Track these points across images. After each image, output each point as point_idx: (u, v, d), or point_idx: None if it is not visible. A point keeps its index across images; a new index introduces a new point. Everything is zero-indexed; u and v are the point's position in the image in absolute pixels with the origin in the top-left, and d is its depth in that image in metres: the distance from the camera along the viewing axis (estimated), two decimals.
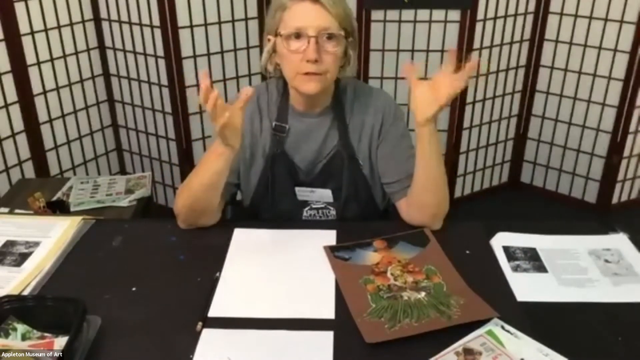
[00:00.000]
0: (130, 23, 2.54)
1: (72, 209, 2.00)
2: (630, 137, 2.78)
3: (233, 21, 2.57)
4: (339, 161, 1.39)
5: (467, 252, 1.24)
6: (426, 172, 1.27)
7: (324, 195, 1.39)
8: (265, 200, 1.40)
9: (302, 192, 1.39)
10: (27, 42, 2.34)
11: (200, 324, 1.02)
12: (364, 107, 1.40)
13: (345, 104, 1.40)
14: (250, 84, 2.70)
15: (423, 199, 1.30)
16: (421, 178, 1.28)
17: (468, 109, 2.82)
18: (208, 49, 2.56)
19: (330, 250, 1.23)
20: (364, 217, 1.43)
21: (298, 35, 1.25)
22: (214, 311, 1.06)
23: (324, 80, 1.28)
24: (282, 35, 1.26)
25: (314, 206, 1.40)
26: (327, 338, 0.99)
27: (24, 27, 2.32)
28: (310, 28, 1.23)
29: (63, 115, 2.57)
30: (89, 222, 1.35)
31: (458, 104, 2.76)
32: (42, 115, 2.48)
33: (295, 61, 1.26)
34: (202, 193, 1.27)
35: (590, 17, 2.69)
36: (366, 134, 1.40)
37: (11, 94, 2.33)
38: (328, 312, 1.06)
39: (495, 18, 2.68)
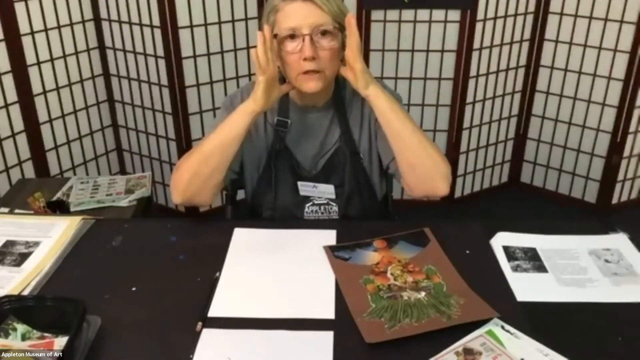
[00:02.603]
0: (130, 23, 2.54)
1: (72, 209, 2.00)
2: (630, 137, 2.78)
3: (233, 21, 2.57)
4: (341, 157, 1.39)
5: (467, 252, 1.24)
6: (393, 133, 1.28)
7: (327, 190, 1.39)
8: (267, 196, 1.41)
9: (304, 187, 1.40)
10: (27, 42, 2.34)
11: (200, 324, 1.02)
12: (362, 99, 1.39)
13: (346, 98, 1.41)
14: None
15: (407, 161, 1.30)
16: (393, 141, 1.29)
17: (468, 109, 2.82)
18: (208, 49, 2.56)
19: (330, 250, 1.23)
20: (365, 214, 1.43)
21: (293, 36, 1.25)
22: (214, 311, 1.06)
23: (324, 78, 1.29)
24: (277, 37, 1.26)
25: (316, 202, 1.40)
26: (327, 338, 0.99)
27: (24, 27, 2.32)
28: (304, 26, 1.24)
29: (63, 115, 2.57)
30: (89, 222, 1.35)
31: (458, 104, 2.77)
32: (42, 115, 2.48)
33: (293, 62, 1.26)
34: (215, 153, 1.28)
35: (590, 17, 2.69)
36: (366, 126, 1.40)
37: (11, 94, 2.33)
38: (328, 312, 1.06)
39: (495, 18, 2.68)
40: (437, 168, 1.28)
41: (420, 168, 1.29)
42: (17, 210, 1.93)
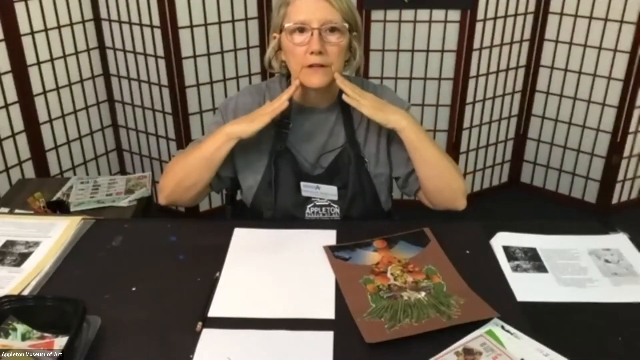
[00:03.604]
0: (130, 23, 2.54)
1: (72, 209, 2.00)
2: (630, 137, 2.78)
3: (233, 21, 2.57)
4: (346, 159, 1.39)
5: (467, 252, 1.24)
6: (421, 161, 1.33)
7: (329, 192, 1.39)
8: (268, 197, 1.40)
9: (307, 188, 1.39)
10: (27, 42, 2.34)
11: (200, 324, 1.02)
12: None
13: None
14: (250, 83, 2.70)
15: (435, 185, 1.36)
16: (421, 168, 1.34)
17: (468, 109, 2.82)
18: (208, 49, 2.56)
19: (330, 250, 1.23)
20: (367, 217, 1.43)
21: (302, 29, 1.26)
22: (214, 311, 1.06)
23: (329, 74, 1.29)
24: (286, 29, 1.27)
25: (317, 203, 1.40)
26: (327, 338, 0.99)
27: (24, 27, 2.32)
28: (314, 21, 1.25)
29: (63, 115, 2.58)
30: (89, 222, 1.35)
31: (458, 104, 2.77)
32: (42, 115, 2.48)
33: (299, 54, 1.27)
34: (197, 169, 1.32)
35: (590, 17, 2.69)
36: (373, 130, 1.40)
37: (11, 94, 2.33)
38: (328, 312, 1.06)
39: (495, 18, 2.68)
40: (461, 188, 1.36)
41: (447, 190, 1.36)
42: (17, 210, 1.93)
